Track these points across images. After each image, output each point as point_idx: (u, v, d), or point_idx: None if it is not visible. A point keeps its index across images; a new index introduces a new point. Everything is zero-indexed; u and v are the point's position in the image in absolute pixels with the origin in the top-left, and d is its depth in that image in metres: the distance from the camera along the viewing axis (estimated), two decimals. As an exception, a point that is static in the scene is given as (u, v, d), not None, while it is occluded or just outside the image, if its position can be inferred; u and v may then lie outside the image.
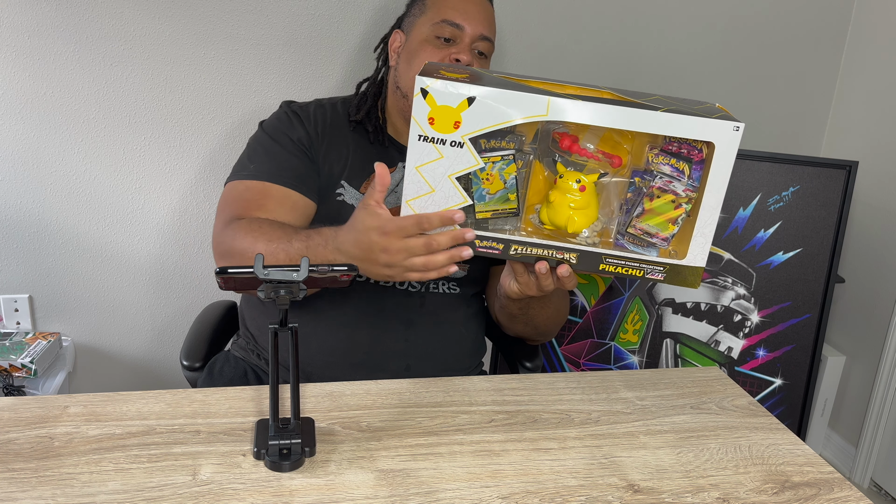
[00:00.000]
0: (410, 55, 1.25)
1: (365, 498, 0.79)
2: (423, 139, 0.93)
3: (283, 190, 1.19)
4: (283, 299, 0.80)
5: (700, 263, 0.97)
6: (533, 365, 1.31)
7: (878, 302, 1.99)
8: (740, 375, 1.78)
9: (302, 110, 1.29)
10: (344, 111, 1.31)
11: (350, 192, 1.25)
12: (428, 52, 1.23)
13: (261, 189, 1.19)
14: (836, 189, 1.72)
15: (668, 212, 0.96)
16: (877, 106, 1.98)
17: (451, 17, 1.23)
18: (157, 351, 1.84)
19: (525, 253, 0.97)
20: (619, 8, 1.86)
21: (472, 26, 1.24)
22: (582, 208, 0.96)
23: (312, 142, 1.25)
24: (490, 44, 1.28)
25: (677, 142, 0.94)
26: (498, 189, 0.97)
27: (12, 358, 1.58)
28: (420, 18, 1.27)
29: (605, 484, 0.84)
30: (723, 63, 1.98)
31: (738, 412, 1.03)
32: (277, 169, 1.21)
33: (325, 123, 1.28)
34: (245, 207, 1.17)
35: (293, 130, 1.26)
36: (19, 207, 1.65)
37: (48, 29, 1.55)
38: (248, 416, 0.93)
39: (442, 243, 0.93)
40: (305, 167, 1.23)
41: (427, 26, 1.25)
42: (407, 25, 1.30)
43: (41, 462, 0.81)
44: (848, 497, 0.86)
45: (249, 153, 1.27)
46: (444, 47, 1.24)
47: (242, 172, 1.23)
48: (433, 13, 1.25)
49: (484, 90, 0.90)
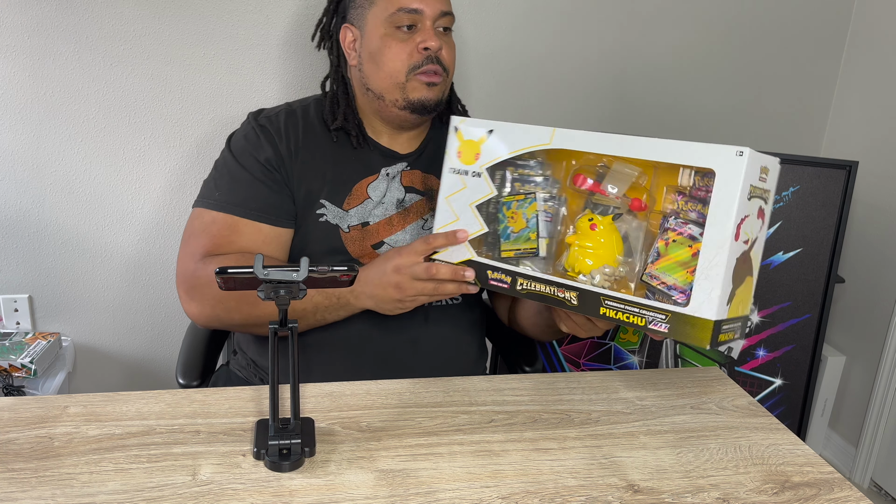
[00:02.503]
0: (374, 55, 1.17)
1: (365, 498, 0.79)
2: (452, 171, 1.02)
3: (253, 224, 1.15)
4: (283, 299, 0.80)
5: (707, 315, 0.82)
6: (533, 369, 1.30)
7: (878, 302, 1.99)
8: (740, 375, 1.78)
9: (271, 123, 1.20)
10: (318, 114, 1.23)
11: (333, 211, 1.19)
12: (392, 47, 1.15)
13: (229, 224, 1.15)
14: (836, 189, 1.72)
15: (682, 255, 0.87)
16: (877, 106, 1.98)
17: (406, 2, 1.14)
18: (156, 351, 1.84)
19: (530, 289, 0.96)
20: (619, 7, 1.86)
21: (430, 6, 1.15)
22: (592, 248, 0.93)
23: (283, 161, 1.17)
24: (451, 16, 1.19)
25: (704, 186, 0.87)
26: (521, 227, 0.99)
27: (12, 358, 1.57)
28: (370, 11, 1.17)
29: (605, 484, 0.84)
30: (723, 63, 1.98)
31: (738, 412, 1.03)
32: (243, 200, 1.15)
33: (298, 136, 1.20)
34: (214, 243, 1.14)
35: (260, 150, 1.17)
36: (19, 207, 1.65)
37: (48, 29, 1.55)
38: (247, 416, 0.93)
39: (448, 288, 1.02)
40: (275, 194, 1.16)
41: (382, 19, 1.15)
42: (356, 18, 1.19)
43: (41, 462, 0.81)
44: (848, 497, 0.86)
45: (216, 176, 1.20)
46: (408, 37, 1.15)
47: (209, 200, 1.17)
48: (385, 4, 1.15)
49: (500, 124, 0.97)
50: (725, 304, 0.84)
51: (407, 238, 1.22)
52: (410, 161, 1.25)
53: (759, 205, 0.86)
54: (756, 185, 0.84)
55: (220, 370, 1.32)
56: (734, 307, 0.86)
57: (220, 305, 1.11)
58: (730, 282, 0.84)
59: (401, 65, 1.15)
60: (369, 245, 1.20)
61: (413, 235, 1.22)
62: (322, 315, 1.11)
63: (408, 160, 1.25)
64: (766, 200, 0.87)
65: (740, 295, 0.87)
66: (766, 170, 0.86)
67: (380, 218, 1.21)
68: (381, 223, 1.20)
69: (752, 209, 0.84)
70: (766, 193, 0.87)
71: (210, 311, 1.12)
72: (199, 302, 1.12)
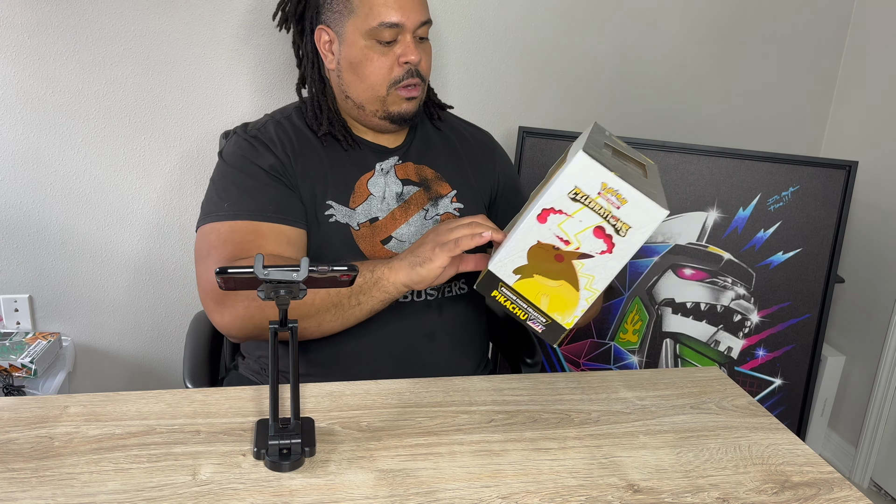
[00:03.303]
0: (354, 66, 1.17)
1: (365, 498, 0.79)
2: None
3: (273, 227, 1.12)
4: (284, 299, 0.80)
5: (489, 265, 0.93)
6: (533, 361, 1.31)
7: (878, 302, 1.99)
8: (740, 375, 1.78)
9: (262, 134, 1.20)
10: (301, 122, 1.24)
11: (341, 211, 1.19)
12: (374, 60, 1.16)
13: (251, 229, 1.11)
14: (835, 189, 1.72)
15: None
16: (876, 106, 1.99)
17: (387, 16, 1.13)
18: (156, 351, 1.84)
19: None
20: (619, 7, 1.86)
21: (410, 19, 1.15)
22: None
23: (286, 167, 1.17)
24: (429, 23, 1.19)
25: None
26: None
27: (12, 358, 1.58)
28: (349, 20, 1.16)
29: (605, 484, 0.84)
30: (723, 63, 1.98)
31: (737, 412, 1.03)
32: (258, 205, 1.13)
33: (292, 143, 1.20)
34: (241, 249, 1.09)
35: (262, 158, 1.17)
36: (19, 207, 1.65)
37: (48, 29, 1.55)
38: (248, 415, 0.93)
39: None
40: (286, 196, 1.16)
41: (362, 32, 1.15)
42: (332, 22, 1.18)
43: (41, 462, 0.81)
44: (848, 497, 0.86)
45: (219, 191, 1.17)
46: (388, 50, 1.16)
47: (218, 213, 1.14)
48: (365, 15, 1.14)
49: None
50: (507, 264, 0.92)
51: (412, 230, 1.22)
52: (401, 154, 1.27)
53: (596, 221, 0.88)
54: (586, 192, 0.87)
55: (231, 374, 1.31)
56: (533, 294, 0.93)
57: (255, 304, 1.06)
58: (522, 254, 0.91)
59: (381, 79, 1.17)
60: (378, 241, 1.20)
61: (416, 227, 1.23)
62: (358, 298, 1.07)
63: (398, 153, 1.26)
64: (619, 230, 0.88)
65: (548, 291, 0.92)
66: (618, 195, 0.86)
67: (385, 213, 1.22)
68: (386, 218, 1.21)
69: (580, 214, 0.88)
70: (613, 219, 0.88)
71: (244, 314, 1.07)
72: (233, 307, 1.07)
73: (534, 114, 1.89)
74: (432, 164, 1.28)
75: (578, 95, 1.91)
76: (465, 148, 1.33)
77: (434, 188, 1.26)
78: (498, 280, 0.93)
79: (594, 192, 0.87)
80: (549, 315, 0.93)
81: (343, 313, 1.08)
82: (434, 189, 1.26)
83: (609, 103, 1.94)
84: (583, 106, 1.92)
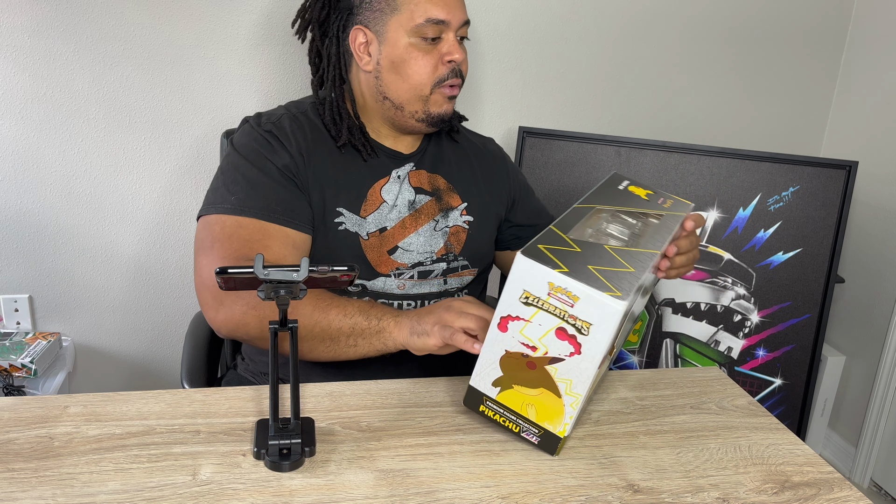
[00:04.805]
0: (398, 65, 1.15)
1: (365, 498, 0.79)
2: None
3: (280, 228, 1.10)
4: (284, 299, 0.80)
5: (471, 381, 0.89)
6: None
7: (878, 302, 1.99)
8: (740, 375, 1.78)
9: (277, 129, 1.17)
10: (317, 118, 1.21)
11: (351, 219, 1.16)
12: (419, 59, 1.14)
13: (259, 228, 1.09)
14: (835, 189, 1.72)
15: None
16: (876, 106, 1.99)
17: (435, 14, 1.13)
18: (156, 351, 1.84)
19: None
20: (619, 7, 1.86)
21: (455, 16, 1.15)
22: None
23: (298, 167, 1.14)
24: (468, 25, 1.19)
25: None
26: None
27: (12, 358, 1.58)
28: (393, 18, 1.14)
29: (605, 484, 0.84)
30: (723, 63, 1.98)
31: (737, 412, 1.03)
32: (266, 205, 1.10)
33: (308, 142, 1.17)
34: (247, 246, 1.07)
35: (276, 156, 1.14)
36: (19, 207, 1.65)
37: (48, 29, 1.55)
38: (248, 415, 0.93)
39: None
40: (296, 198, 1.13)
41: (408, 28, 1.13)
42: (372, 22, 1.16)
43: (41, 462, 0.81)
44: (848, 497, 0.86)
45: (227, 182, 1.13)
46: (432, 48, 1.15)
47: (224, 205, 1.11)
48: (410, 12, 1.13)
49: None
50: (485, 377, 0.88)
51: (420, 241, 1.20)
52: (415, 161, 1.24)
53: (555, 323, 0.81)
54: (536, 295, 0.81)
55: (230, 374, 1.31)
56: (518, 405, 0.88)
57: (252, 312, 1.04)
58: (495, 366, 0.86)
59: (427, 78, 1.15)
60: (385, 251, 1.18)
61: (426, 237, 1.21)
62: (355, 340, 1.05)
63: (413, 160, 1.24)
64: (580, 329, 0.80)
65: (531, 401, 0.87)
66: (568, 293, 0.80)
67: (395, 222, 1.19)
68: (396, 227, 1.19)
69: (537, 318, 0.82)
70: (571, 318, 0.80)
71: (240, 319, 1.05)
72: (230, 308, 1.05)
73: (534, 114, 1.89)
74: (444, 175, 1.26)
75: (578, 95, 1.91)
76: (479, 160, 1.31)
77: (445, 199, 1.24)
78: (482, 394, 0.89)
79: (543, 293, 0.80)
80: (540, 425, 0.88)
81: (336, 349, 1.05)
82: (445, 200, 1.24)
83: (609, 103, 1.94)
84: (583, 106, 1.92)
